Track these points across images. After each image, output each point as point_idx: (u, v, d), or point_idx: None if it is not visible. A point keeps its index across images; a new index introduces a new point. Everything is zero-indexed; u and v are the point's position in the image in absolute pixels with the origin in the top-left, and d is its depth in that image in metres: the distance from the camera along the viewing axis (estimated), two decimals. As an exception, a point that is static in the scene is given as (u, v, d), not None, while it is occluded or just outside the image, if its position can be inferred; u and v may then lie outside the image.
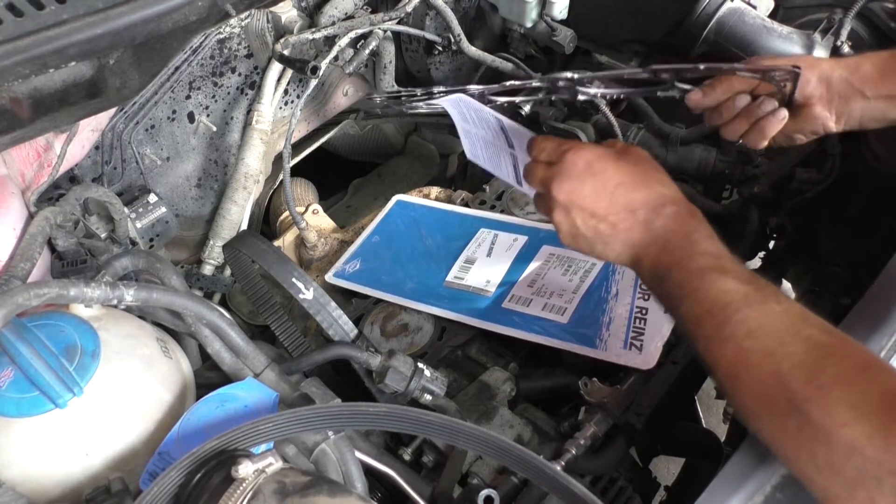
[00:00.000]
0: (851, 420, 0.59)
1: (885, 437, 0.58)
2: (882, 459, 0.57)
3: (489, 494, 0.83)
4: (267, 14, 1.30)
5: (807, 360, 0.64)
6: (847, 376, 0.62)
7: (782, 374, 0.64)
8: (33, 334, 0.75)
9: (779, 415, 0.64)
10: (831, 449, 0.60)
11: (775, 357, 0.65)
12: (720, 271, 0.74)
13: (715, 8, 1.25)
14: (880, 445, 0.58)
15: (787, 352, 0.65)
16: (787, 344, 0.66)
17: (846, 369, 0.63)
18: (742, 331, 0.69)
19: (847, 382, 0.62)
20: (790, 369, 0.64)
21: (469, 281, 1.21)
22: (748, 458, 0.73)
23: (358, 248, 1.35)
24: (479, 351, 1.14)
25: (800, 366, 0.64)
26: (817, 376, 0.63)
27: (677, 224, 0.80)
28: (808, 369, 0.63)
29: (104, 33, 0.78)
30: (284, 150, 1.30)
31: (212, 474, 0.66)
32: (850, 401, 0.60)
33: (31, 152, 1.04)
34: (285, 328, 1.03)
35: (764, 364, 0.66)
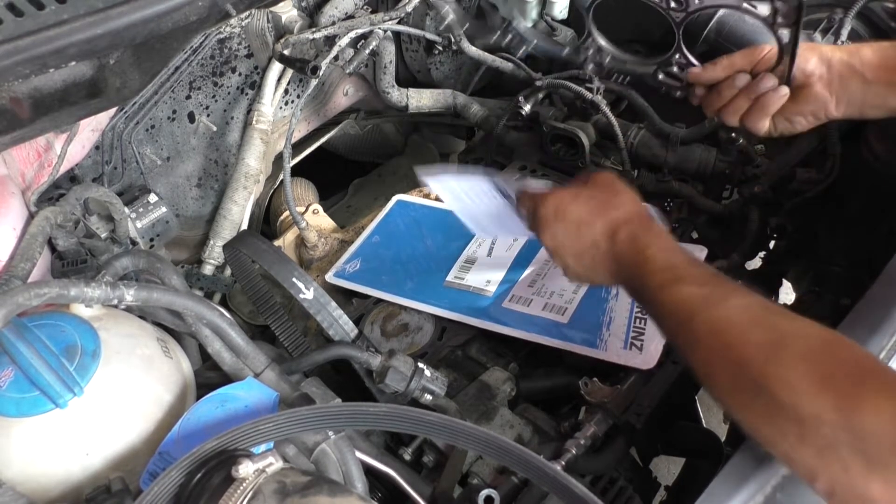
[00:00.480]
0: (817, 392, 0.61)
1: (852, 405, 0.59)
2: (851, 426, 0.59)
3: (489, 494, 0.83)
4: (267, 14, 1.30)
5: (768, 342, 0.67)
6: (809, 353, 0.65)
7: (746, 359, 0.67)
8: (34, 334, 0.75)
9: (748, 398, 0.67)
10: (800, 423, 0.62)
11: (738, 346, 0.68)
12: (677, 282, 0.77)
13: (715, 8, 1.25)
14: (848, 413, 0.59)
15: (749, 339, 0.68)
16: (748, 332, 0.68)
17: (808, 347, 0.65)
18: (706, 330, 0.72)
19: (809, 359, 0.64)
20: (753, 353, 0.67)
21: (469, 281, 1.21)
22: (748, 459, 0.73)
23: (358, 248, 1.34)
24: (479, 351, 1.14)
25: (762, 348, 0.66)
26: (779, 355, 0.65)
27: (631, 246, 0.86)
28: (770, 350, 0.66)
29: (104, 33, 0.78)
30: (285, 150, 1.30)
31: (212, 474, 0.66)
32: (814, 375, 0.63)
33: (31, 152, 1.04)
34: (285, 328, 1.03)
35: (729, 354, 0.69)
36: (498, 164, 1.50)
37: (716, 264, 1.18)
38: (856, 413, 0.59)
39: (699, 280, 0.76)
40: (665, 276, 0.79)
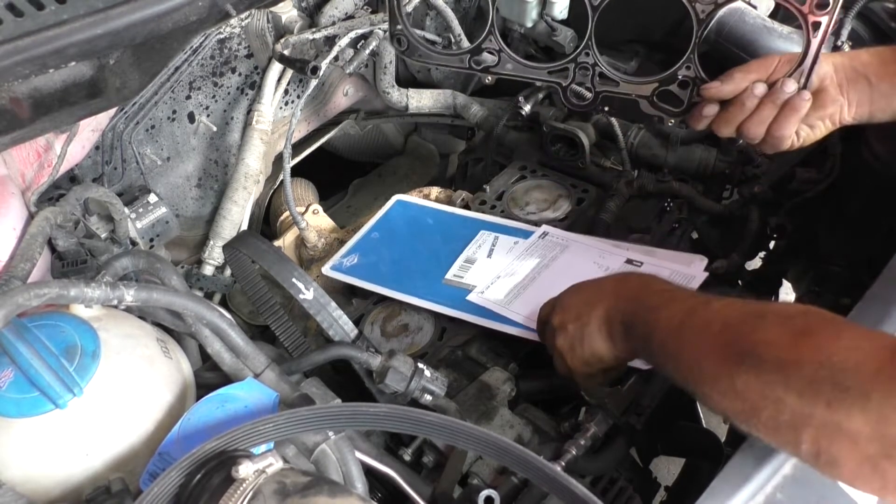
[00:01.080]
0: (796, 342, 0.66)
1: (831, 346, 0.63)
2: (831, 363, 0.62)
3: (489, 495, 0.83)
4: (267, 14, 1.30)
5: (750, 317, 0.71)
6: (787, 317, 0.69)
7: (730, 337, 0.71)
8: (33, 334, 0.75)
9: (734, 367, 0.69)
10: (783, 371, 0.65)
11: (721, 331, 0.72)
12: (667, 304, 0.82)
13: (715, 8, 1.25)
14: (826, 352, 0.64)
15: (730, 321, 0.72)
16: (730, 317, 0.73)
17: (785, 313, 0.70)
18: (691, 334, 0.76)
19: (787, 322, 0.68)
20: (737, 329, 0.71)
21: (469, 280, 1.21)
22: (749, 459, 0.73)
23: (356, 243, 1.34)
24: (479, 351, 1.14)
25: (744, 323, 0.71)
26: (760, 324, 0.69)
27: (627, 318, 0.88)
28: (752, 323, 0.70)
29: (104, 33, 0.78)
30: (285, 150, 1.30)
31: (212, 475, 0.65)
32: (793, 331, 0.67)
33: (31, 152, 1.04)
34: (285, 328, 1.03)
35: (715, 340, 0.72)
36: (498, 165, 1.50)
37: (716, 264, 1.18)
38: (834, 352, 0.62)
39: (688, 300, 0.81)
40: (658, 301, 0.83)
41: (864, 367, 0.60)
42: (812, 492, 0.72)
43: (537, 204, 1.37)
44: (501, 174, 1.43)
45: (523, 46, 1.55)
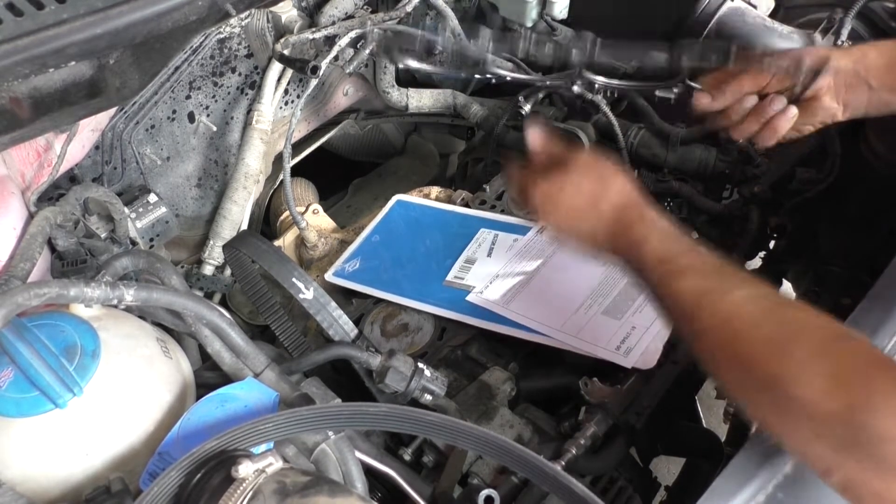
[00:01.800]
0: (829, 390, 0.61)
1: (866, 405, 0.59)
2: (866, 427, 0.58)
3: (489, 494, 0.83)
4: (267, 14, 1.29)
5: (776, 337, 0.66)
6: (818, 350, 0.64)
7: (754, 355, 0.66)
8: (33, 334, 0.75)
9: (758, 393, 0.66)
10: (814, 421, 0.61)
11: (745, 342, 0.67)
12: (677, 275, 0.75)
13: (716, 7, 1.25)
14: (862, 414, 0.59)
15: (756, 334, 0.67)
16: (755, 327, 0.68)
17: (817, 343, 0.65)
18: (710, 324, 0.71)
19: (819, 355, 0.63)
20: (762, 350, 0.66)
21: (469, 281, 1.21)
22: (750, 458, 0.73)
23: (358, 248, 1.34)
24: (479, 351, 1.14)
25: (770, 344, 0.66)
26: (788, 352, 0.64)
27: (626, 241, 0.83)
28: (778, 346, 0.65)
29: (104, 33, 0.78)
30: (285, 150, 1.30)
31: (212, 474, 0.65)
32: (825, 372, 0.62)
33: (31, 152, 1.04)
34: (285, 328, 1.02)
35: (736, 350, 0.68)
36: (498, 164, 1.50)
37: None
38: (870, 414, 0.58)
39: (700, 271, 0.75)
40: (664, 270, 0.77)
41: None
42: (813, 491, 0.72)
43: (537, 204, 1.37)
44: (501, 174, 1.43)
45: (523, 46, 1.54)
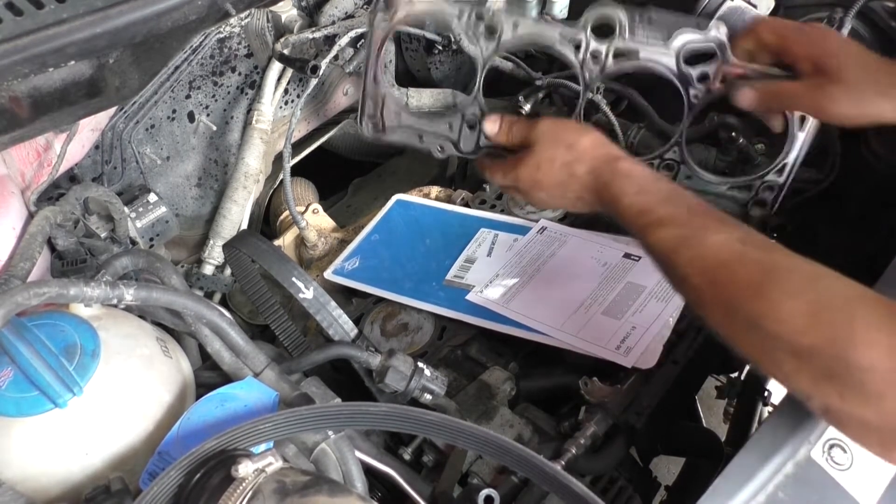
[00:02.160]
0: (809, 326, 0.64)
1: (845, 338, 0.62)
2: (845, 359, 0.61)
3: (489, 494, 0.83)
4: (267, 13, 1.29)
5: (755, 279, 0.68)
6: (799, 288, 0.66)
7: (735, 297, 0.69)
8: (33, 334, 0.75)
9: (742, 332, 0.69)
10: (796, 355, 0.64)
11: (725, 285, 0.70)
12: (655, 226, 0.78)
13: (715, 7, 1.25)
14: (842, 346, 0.62)
15: (734, 278, 0.70)
16: (733, 271, 0.70)
17: (797, 281, 0.67)
18: (690, 271, 0.74)
19: (799, 293, 0.66)
20: (742, 292, 0.69)
21: (469, 280, 1.21)
22: (751, 458, 0.73)
23: (357, 246, 1.34)
24: (479, 351, 1.14)
25: (749, 286, 0.68)
26: (768, 292, 0.67)
27: (605, 198, 0.86)
28: (758, 288, 0.67)
29: (104, 32, 0.78)
30: (284, 150, 1.30)
31: (211, 474, 0.65)
32: (805, 309, 0.64)
33: (30, 152, 1.04)
34: (285, 328, 1.02)
35: (717, 293, 0.71)
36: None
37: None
38: (849, 346, 0.61)
39: (676, 220, 0.77)
40: (642, 222, 0.80)
41: (879, 366, 0.60)
42: (814, 491, 0.72)
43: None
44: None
45: (523, 46, 1.54)
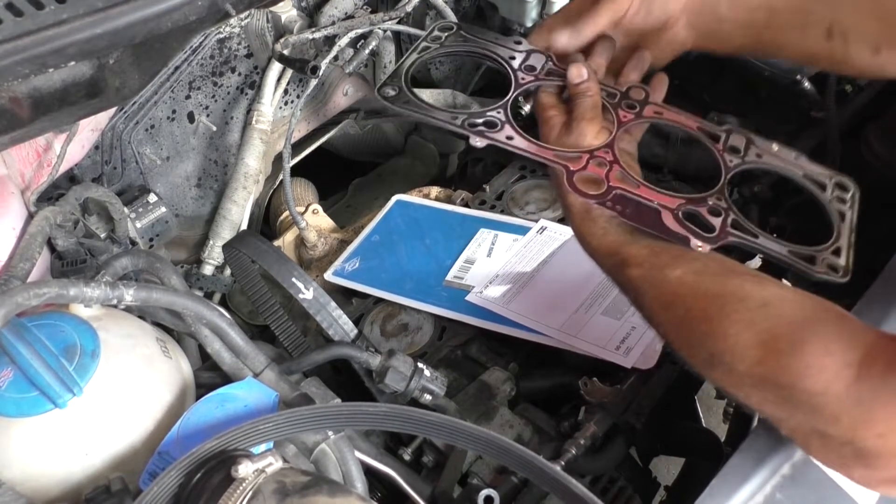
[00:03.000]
0: (763, 358, 0.65)
1: (795, 366, 0.63)
2: (798, 385, 0.63)
3: (489, 494, 0.83)
4: (267, 14, 1.29)
5: (708, 314, 0.70)
6: (749, 320, 0.67)
7: (695, 337, 0.71)
8: (33, 334, 0.75)
9: (708, 368, 0.71)
10: (757, 388, 0.67)
11: (685, 324, 0.72)
12: (619, 266, 0.79)
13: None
14: (793, 374, 0.63)
15: (689, 315, 0.71)
16: (689, 308, 0.72)
17: (747, 314, 0.68)
18: (655, 308, 0.76)
19: (750, 326, 0.67)
20: (700, 329, 0.70)
21: (469, 280, 1.21)
22: (748, 459, 0.73)
23: (357, 247, 1.35)
24: (479, 351, 1.14)
25: (706, 323, 0.70)
26: (726, 330, 0.68)
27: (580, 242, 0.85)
28: (711, 323, 0.69)
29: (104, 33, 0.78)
30: (284, 150, 1.30)
31: (211, 474, 0.65)
32: (757, 341, 0.66)
33: (30, 152, 1.04)
34: (285, 328, 1.03)
35: (680, 331, 0.73)
36: (498, 165, 1.50)
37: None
38: (800, 375, 0.63)
39: (638, 259, 0.77)
40: (609, 263, 0.81)
41: (831, 390, 0.61)
42: (811, 492, 0.72)
43: (537, 203, 1.37)
44: (501, 174, 1.43)
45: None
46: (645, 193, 0.82)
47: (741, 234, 0.81)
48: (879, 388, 0.60)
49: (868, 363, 0.61)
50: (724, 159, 0.90)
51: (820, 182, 0.90)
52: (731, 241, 0.80)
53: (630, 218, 0.80)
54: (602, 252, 0.81)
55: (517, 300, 1.15)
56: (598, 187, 0.82)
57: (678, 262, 0.75)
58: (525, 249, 1.24)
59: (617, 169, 0.84)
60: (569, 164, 0.84)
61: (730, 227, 0.81)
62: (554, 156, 0.85)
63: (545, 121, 0.90)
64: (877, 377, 0.60)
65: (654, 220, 0.80)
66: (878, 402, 0.60)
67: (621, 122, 0.89)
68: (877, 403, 0.60)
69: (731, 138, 0.91)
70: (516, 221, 1.31)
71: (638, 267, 0.77)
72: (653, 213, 0.81)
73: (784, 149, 0.91)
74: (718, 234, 0.80)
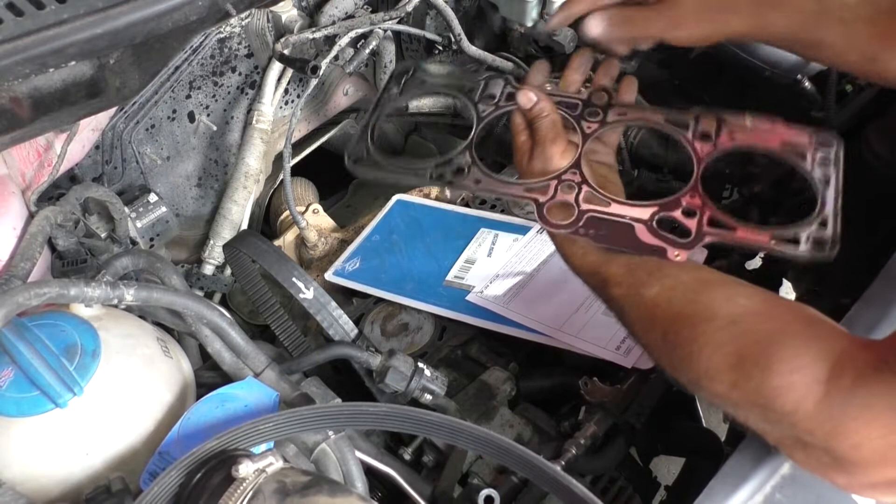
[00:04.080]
0: (736, 382, 0.66)
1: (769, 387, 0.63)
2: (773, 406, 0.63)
3: (489, 494, 0.83)
4: (267, 13, 1.29)
5: (681, 338, 0.70)
6: (717, 341, 0.67)
7: (674, 360, 0.72)
8: (33, 334, 0.75)
9: (692, 387, 0.72)
10: (735, 406, 0.68)
11: (663, 343, 0.72)
12: (601, 287, 0.79)
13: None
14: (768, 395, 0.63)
15: (666, 338, 0.71)
16: (665, 330, 0.72)
17: (715, 334, 0.68)
18: (635, 330, 0.77)
19: (719, 346, 0.67)
20: (676, 351, 0.71)
21: (469, 280, 1.21)
22: (747, 458, 0.73)
23: (358, 247, 1.35)
24: (479, 351, 1.14)
25: (680, 346, 0.70)
26: (695, 351, 0.68)
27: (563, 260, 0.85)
28: (687, 347, 0.69)
29: (104, 33, 0.78)
30: (285, 150, 1.30)
31: (212, 474, 0.66)
32: (728, 364, 0.66)
33: (31, 152, 1.04)
34: (285, 328, 1.02)
35: (661, 352, 0.73)
36: (498, 165, 1.50)
37: (716, 264, 1.18)
38: (772, 396, 0.63)
39: (618, 279, 0.77)
40: (592, 283, 0.81)
41: (802, 408, 0.62)
42: (811, 492, 0.72)
43: (537, 203, 1.37)
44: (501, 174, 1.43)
45: (523, 46, 1.54)
46: (616, 210, 0.80)
47: (719, 230, 0.78)
48: (849, 401, 0.60)
49: (837, 375, 0.61)
50: (695, 150, 0.86)
51: (800, 149, 0.84)
52: (708, 241, 0.77)
53: (604, 240, 0.79)
54: (584, 272, 0.82)
55: (517, 300, 1.16)
56: (569, 213, 0.81)
57: (653, 279, 0.74)
58: (525, 249, 1.24)
59: (586, 190, 0.82)
60: (538, 197, 0.83)
61: (707, 226, 0.79)
62: (522, 190, 0.84)
63: (517, 147, 0.89)
64: (845, 390, 0.60)
65: (628, 237, 0.79)
66: (848, 415, 0.60)
67: (586, 135, 0.87)
68: (846, 417, 0.60)
69: (700, 124, 0.87)
70: (517, 221, 1.31)
71: (618, 286, 0.77)
72: (626, 229, 0.79)
73: (758, 120, 0.86)
74: (695, 238, 0.78)
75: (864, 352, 0.62)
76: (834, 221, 0.78)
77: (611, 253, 0.79)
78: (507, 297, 1.16)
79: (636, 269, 0.76)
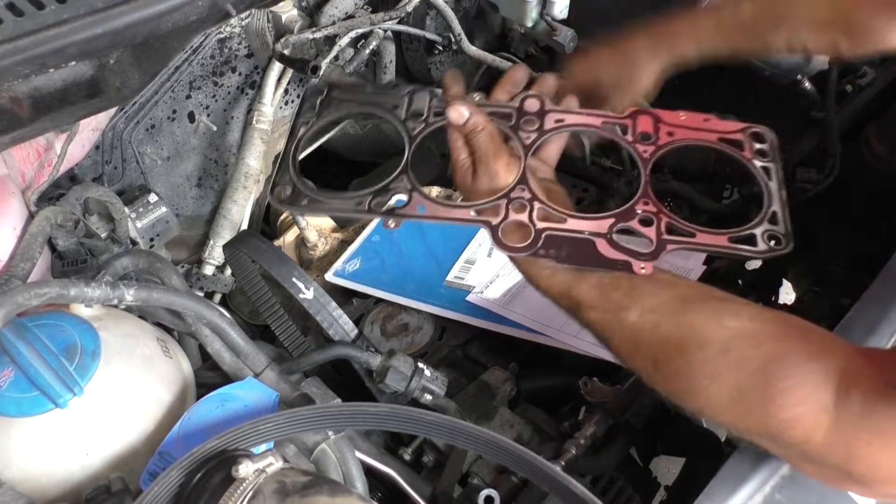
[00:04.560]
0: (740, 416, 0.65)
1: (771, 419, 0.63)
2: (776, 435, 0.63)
3: (489, 494, 0.83)
4: (267, 14, 1.30)
5: (677, 368, 0.68)
6: (712, 372, 0.66)
7: (662, 384, 0.71)
8: (33, 334, 0.75)
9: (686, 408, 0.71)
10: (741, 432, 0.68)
11: (656, 370, 0.71)
12: (575, 309, 0.75)
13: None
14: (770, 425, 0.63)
15: (658, 367, 0.70)
16: (655, 359, 0.70)
17: (709, 364, 0.66)
18: (623, 354, 0.74)
19: (715, 377, 0.66)
20: (665, 378, 0.70)
21: (469, 281, 1.21)
22: (747, 458, 0.73)
23: (358, 248, 1.35)
24: (479, 351, 1.14)
25: (676, 378, 0.69)
26: (692, 384, 0.67)
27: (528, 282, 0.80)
28: (684, 380, 0.68)
29: (104, 33, 0.78)
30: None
31: (212, 474, 0.66)
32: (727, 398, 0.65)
33: (31, 152, 1.04)
34: (285, 328, 1.03)
35: (654, 378, 0.72)
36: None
37: (716, 264, 1.18)
38: (780, 426, 0.62)
39: (592, 302, 0.73)
40: (564, 305, 0.76)
41: (813, 439, 0.61)
42: (810, 492, 0.72)
43: (537, 204, 1.37)
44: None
45: (523, 46, 1.54)
46: (573, 225, 0.76)
47: (678, 238, 0.75)
48: (861, 427, 0.59)
49: (843, 400, 0.59)
50: (638, 153, 0.83)
51: (735, 141, 0.83)
52: (670, 249, 0.74)
53: (567, 259, 0.74)
54: (553, 294, 0.76)
55: (517, 300, 1.15)
56: (525, 234, 0.75)
57: (630, 300, 0.71)
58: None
59: (539, 206, 0.77)
60: (489, 219, 0.76)
61: (665, 234, 0.75)
62: (472, 213, 0.78)
63: (457, 166, 0.83)
64: (855, 416, 0.59)
65: (590, 253, 0.74)
66: (861, 441, 0.59)
67: (527, 147, 0.81)
68: (860, 443, 0.59)
69: (638, 123, 0.84)
70: (516, 221, 1.31)
71: (593, 310, 0.73)
72: (587, 245, 0.74)
73: (691, 115, 0.85)
74: (656, 248, 0.74)
75: (867, 369, 0.61)
76: (783, 214, 0.77)
77: (578, 272, 0.74)
78: (507, 298, 1.16)
79: (609, 289, 0.72)
